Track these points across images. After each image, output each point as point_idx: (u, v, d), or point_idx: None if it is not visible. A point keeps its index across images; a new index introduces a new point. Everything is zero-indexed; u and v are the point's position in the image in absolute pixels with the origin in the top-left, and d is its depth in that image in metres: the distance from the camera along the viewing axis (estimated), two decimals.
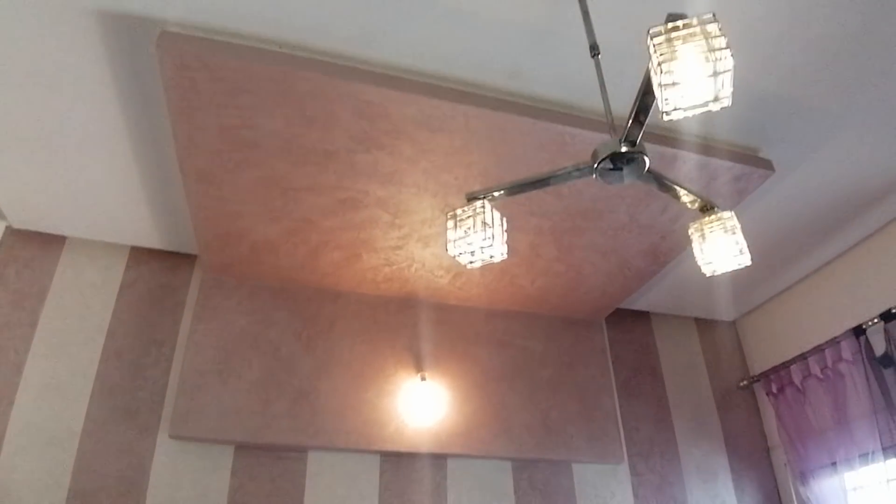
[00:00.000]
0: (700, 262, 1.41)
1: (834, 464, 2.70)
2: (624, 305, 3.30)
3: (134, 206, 2.53)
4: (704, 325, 3.50)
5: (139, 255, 2.81)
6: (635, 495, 2.92)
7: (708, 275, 1.40)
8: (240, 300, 2.69)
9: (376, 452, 2.62)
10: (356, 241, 2.46)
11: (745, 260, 1.38)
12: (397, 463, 2.66)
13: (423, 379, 2.69)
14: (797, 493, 2.98)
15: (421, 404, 2.63)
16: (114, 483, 2.36)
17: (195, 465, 2.46)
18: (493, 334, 2.94)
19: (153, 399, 2.54)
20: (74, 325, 2.58)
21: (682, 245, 2.54)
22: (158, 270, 2.80)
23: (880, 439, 2.51)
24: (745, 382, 3.30)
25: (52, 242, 2.72)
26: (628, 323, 3.34)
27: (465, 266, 1.37)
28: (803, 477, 2.84)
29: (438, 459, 2.71)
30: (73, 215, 2.60)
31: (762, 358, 3.30)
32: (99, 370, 2.53)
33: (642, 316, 3.41)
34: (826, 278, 3.04)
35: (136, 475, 2.40)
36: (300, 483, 2.53)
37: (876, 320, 2.60)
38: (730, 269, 1.41)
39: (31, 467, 2.30)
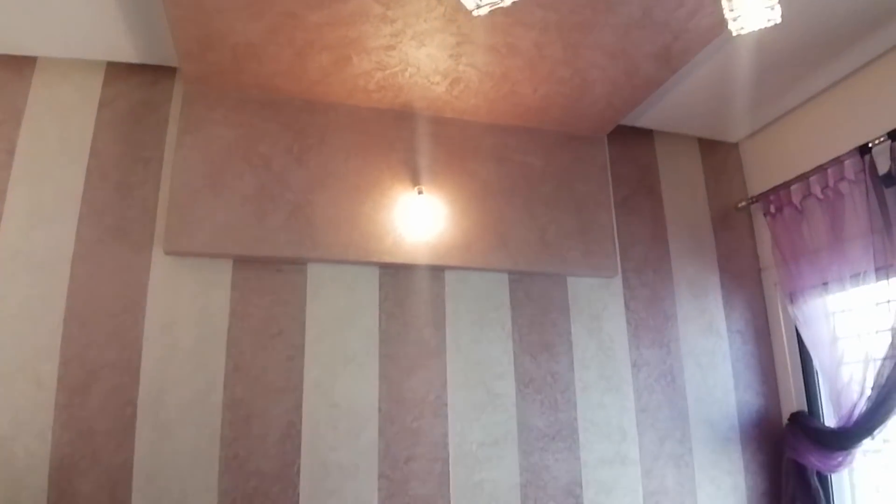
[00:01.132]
0: (728, 18, 1.28)
1: (825, 284, 2.74)
2: (627, 122, 3.19)
3: (107, 18, 2.32)
4: (707, 146, 3.41)
5: (116, 71, 2.62)
6: (626, 308, 2.99)
7: (734, 33, 1.28)
8: (225, 113, 2.56)
9: (375, 265, 2.64)
10: (345, 41, 2.27)
11: (776, 16, 1.25)
12: (396, 275, 2.69)
13: (419, 192, 2.64)
14: (785, 313, 3.07)
15: (418, 218, 2.60)
16: (111, 304, 2.37)
17: (193, 281, 2.47)
18: (491, 149, 2.85)
19: (144, 217, 2.50)
20: (55, 148, 2.47)
21: (696, 47, 2.37)
22: (138, 86, 2.63)
23: (874, 259, 2.52)
24: (743, 203, 3.28)
25: (22, 65, 2.53)
26: (630, 140, 3.24)
27: (471, 12, 1.24)
28: (793, 297, 2.90)
29: (436, 271, 2.73)
30: (41, 33, 2.40)
31: (763, 180, 3.25)
32: (85, 192, 2.46)
33: (645, 134, 3.31)
34: (833, 98, 2.90)
35: (133, 294, 2.41)
36: (301, 295, 2.56)
37: (882, 139, 2.51)
38: (758, 27, 1.28)
39: (23, 294, 2.30)
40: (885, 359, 2.47)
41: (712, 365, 3.07)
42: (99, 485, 2.23)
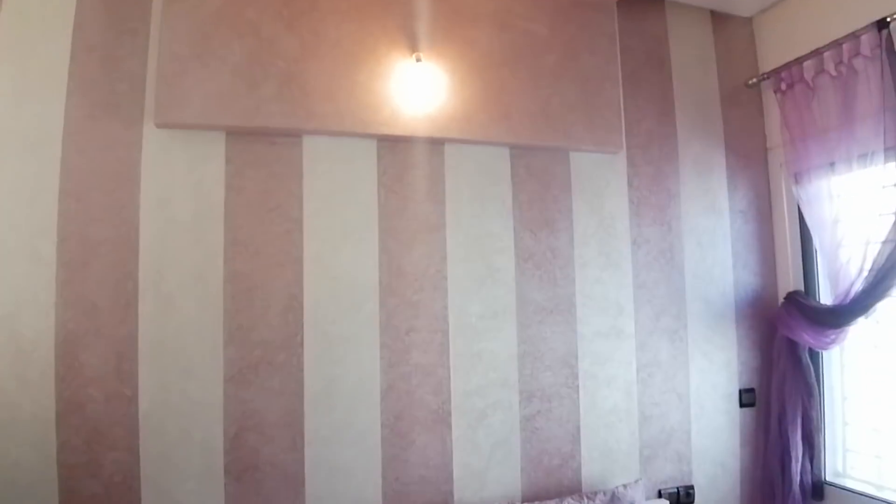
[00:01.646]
0: None
1: (831, 164, 2.67)
2: None
3: None
4: (720, 19, 3.23)
5: None
6: (629, 185, 2.95)
7: None
8: None
9: (372, 137, 2.56)
10: None
11: None
12: (394, 148, 2.62)
13: (417, 60, 2.52)
14: (789, 194, 3.03)
15: (416, 87, 2.50)
16: (104, 180, 2.31)
17: (187, 155, 2.40)
18: (494, 15, 2.69)
19: (133, 90, 2.39)
20: (37, 22, 2.31)
21: None
22: None
23: (884, 139, 2.45)
24: (754, 80, 3.15)
25: None
26: (640, 11, 3.07)
27: None
28: (798, 177, 2.85)
29: (436, 144, 2.66)
30: None
31: (775, 56, 3.10)
32: (71, 68, 2.33)
33: (656, 4, 3.12)
34: None
35: (127, 170, 2.34)
36: (297, 169, 2.51)
37: None
38: None
39: (14, 174, 2.23)
40: (885, 241, 2.46)
41: (712, 244, 3.07)
42: (105, 358, 2.27)
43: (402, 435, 2.55)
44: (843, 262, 2.63)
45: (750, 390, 3.07)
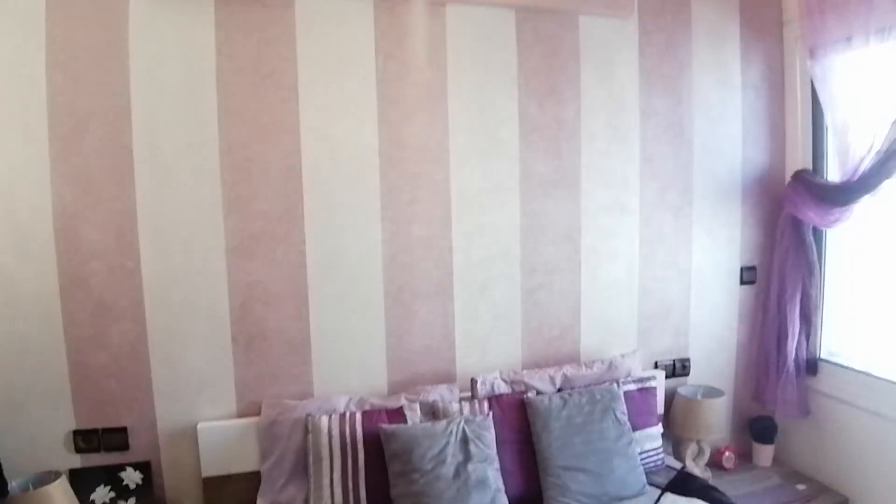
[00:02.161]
0: None
1: (848, 39, 2.52)
2: None
3: None
4: None
5: None
6: (640, 54, 2.82)
7: None
8: None
9: None
10: None
11: None
12: (392, 10, 2.47)
13: None
14: (803, 69, 2.89)
15: None
16: (92, 51, 2.19)
17: (175, 21, 2.26)
18: None
19: None
20: None
21: None
22: None
23: None
24: None
25: None
26: None
27: None
28: (813, 51, 2.70)
29: (436, 6, 2.51)
30: None
31: None
32: None
33: None
34: None
35: (114, 39, 2.21)
36: (291, 33, 2.38)
37: None
38: None
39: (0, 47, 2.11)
40: None
41: (722, 118, 2.98)
42: (105, 231, 2.25)
43: (405, 305, 2.58)
44: (854, 140, 2.56)
45: (751, 268, 3.08)
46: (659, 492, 2.43)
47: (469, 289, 2.65)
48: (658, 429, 2.67)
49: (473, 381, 2.51)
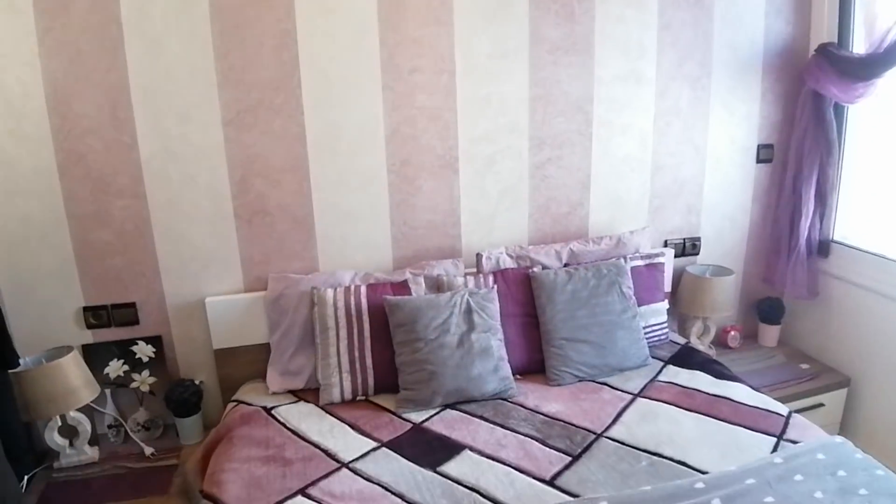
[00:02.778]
0: None
1: None
2: None
3: None
4: None
5: None
6: None
7: None
8: None
9: None
10: None
11: None
12: None
13: None
14: None
15: None
16: None
17: None
18: None
19: None
20: None
21: None
22: None
23: None
24: None
25: None
26: None
27: None
28: None
29: None
30: None
31: None
32: None
33: None
34: None
35: None
36: None
37: None
38: None
39: None
40: None
41: None
42: (98, 106, 2.17)
43: (409, 180, 2.52)
44: (881, 10, 2.40)
45: (768, 146, 2.97)
46: (661, 364, 2.45)
47: (475, 163, 2.57)
48: (664, 304, 2.67)
49: (479, 256, 2.49)
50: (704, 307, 2.81)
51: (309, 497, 1.73)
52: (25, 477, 2.15)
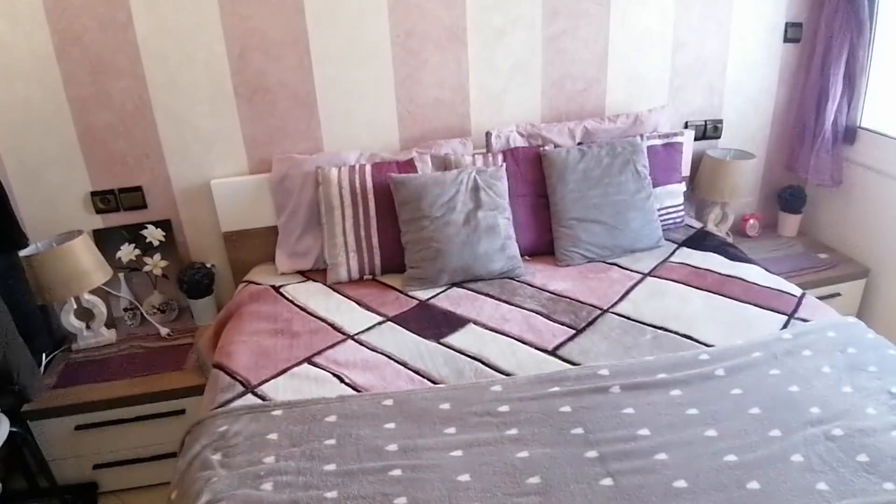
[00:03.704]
0: None
1: None
2: None
3: None
4: None
5: None
6: None
7: None
8: None
9: None
10: None
11: None
12: None
13: None
14: None
15: None
16: None
17: None
18: None
19: None
20: None
21: None
22: None
23: None
24: None
25: None
26: None
27: None
28: None
29: None
30: None
31: None
32: None
33: None
34: None
35: None
36: None
37: None
38: None
39: None
40: None
41: None
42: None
43: (414, 54, 2.40)
44: None
45: (797, 24, 2.75)
46: (674, 246, 2.40)
47: (484, 35, 2.43)
48: (680, 187, 2.58)
49: (488, 134, 2.40)
50: (723, 191, 2.72)
51: (314, 365, 1.77)
52: (44, 355, 2.23)
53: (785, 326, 1.87)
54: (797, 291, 2.06)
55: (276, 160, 2.35)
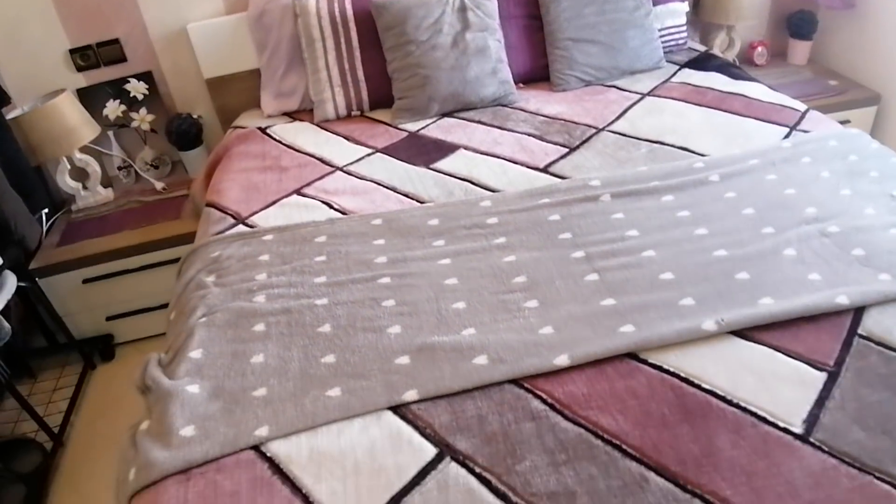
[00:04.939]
0: None
1: None
2: None
3: None
4: None
5: None
6: None
7: None
8: None
9: None
10: None
11: None
12: None
13: None
14: None
15: None
16: None
17: None
18: None
19: None
20: None
21: None
22: None
23: None
24: None
25: None
26: None
27: None
28: None
29: None
30: None
31: None
32: None
33: None
34: None
35: None
36: None
37: None
38: None
39: None
40: None
41: None
42: None
43: None
44: None
45: None
46: (676, 67, 2.29)
47: None
48: (683, 6, 2.41)
49: None
50: (729, 13, 2.54)
51: (304, 195, 1.76)
52: (44, 214, 2.24)
53: (786, 138, 1.81)
54: (801, 107, 1.97)
55: None
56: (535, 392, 1.10)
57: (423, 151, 1.89)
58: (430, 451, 1.03)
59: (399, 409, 1.10)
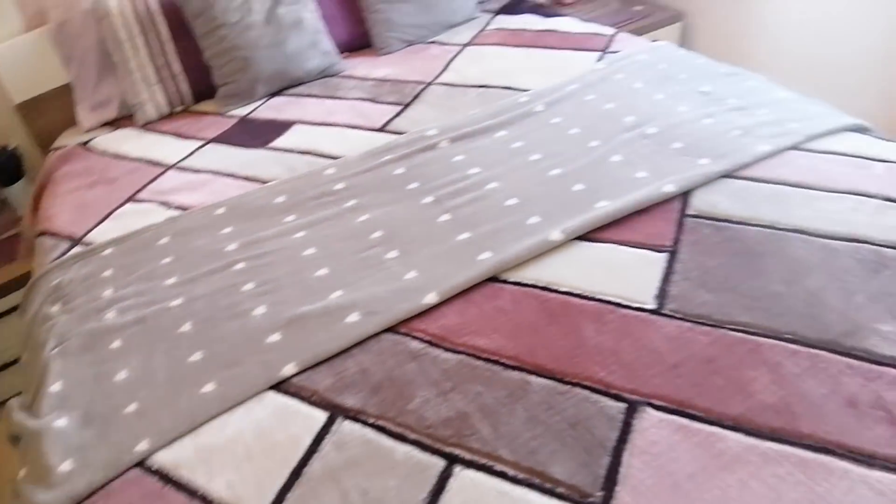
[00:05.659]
0: None
1: None
2: None
3: None
4: None
5: None
6: None
7: None
8: None
9: None
10: None
11: None
12: None
13: None
14: None
15: None
16: None
17: None
18: None
19: None
20: None
21: None
22: None
23: None
24: None
25: None
26: None
27: None
28: None
29: None
30: None
31: None
32: None
33: None
34: None
35: None
36: None
37: None
38: None
39: None
40: None
41: None
42: None
43: None
44: None
45: None
46: (491, 15, 2.37)
47: None
48: None
49: None
50: None
51: (138, 201, 1.65)
52: None
53: (599, 61, 1.94)
54: (610, 31, 2.12)
55: (51, 6, 2.03)
56: (412, 334, 1.12)
57: (258, 134, 1.83)
58: (321, 416, 1.02)
59: (281, 386, 1.08)
